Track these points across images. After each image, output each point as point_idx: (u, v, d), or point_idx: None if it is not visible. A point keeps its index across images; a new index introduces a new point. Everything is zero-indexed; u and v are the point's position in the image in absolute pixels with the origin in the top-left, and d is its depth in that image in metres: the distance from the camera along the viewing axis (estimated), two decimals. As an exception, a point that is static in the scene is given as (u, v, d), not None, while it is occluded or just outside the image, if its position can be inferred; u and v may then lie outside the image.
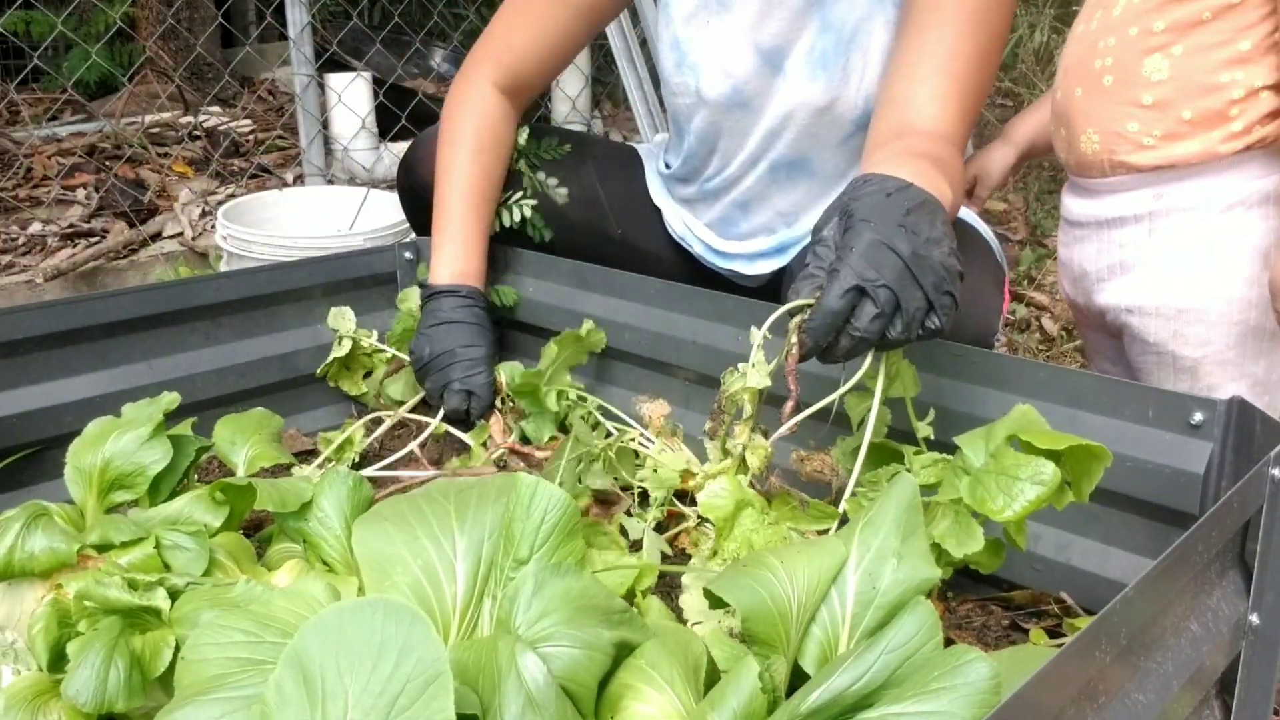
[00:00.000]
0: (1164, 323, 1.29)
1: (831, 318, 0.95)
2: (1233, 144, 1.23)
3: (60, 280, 2.57)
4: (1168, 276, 1.29)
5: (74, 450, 1.06)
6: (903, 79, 1.24)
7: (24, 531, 0.93)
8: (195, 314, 1.45)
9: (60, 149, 3.31)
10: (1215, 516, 0.81)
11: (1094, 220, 1.36)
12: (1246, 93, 1.22)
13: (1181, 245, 1.28)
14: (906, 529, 0.86)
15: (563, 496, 0.83)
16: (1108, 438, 1.04)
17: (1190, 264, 1.28)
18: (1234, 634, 0.90)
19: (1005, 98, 4.03)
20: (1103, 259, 1.36)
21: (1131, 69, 1.27)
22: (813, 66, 1.38)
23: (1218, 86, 1.22)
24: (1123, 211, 1.32)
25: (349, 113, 3.19)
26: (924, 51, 1.22)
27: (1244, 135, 1.23)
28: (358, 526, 0.83)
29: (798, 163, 1.46)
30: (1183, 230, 1.28)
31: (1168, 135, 1.26)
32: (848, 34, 1.36)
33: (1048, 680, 0.61)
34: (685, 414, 1.42)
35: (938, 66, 1.21)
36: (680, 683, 0.76)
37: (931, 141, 1.17)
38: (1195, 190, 1.26)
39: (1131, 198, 1.31)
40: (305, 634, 0.63)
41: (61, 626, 0.86)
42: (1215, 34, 1.22)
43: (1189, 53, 1.23)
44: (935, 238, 0.97)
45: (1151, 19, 1.25)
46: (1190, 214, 1.27)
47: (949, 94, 1.21)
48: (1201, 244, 1.27)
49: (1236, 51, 1.21)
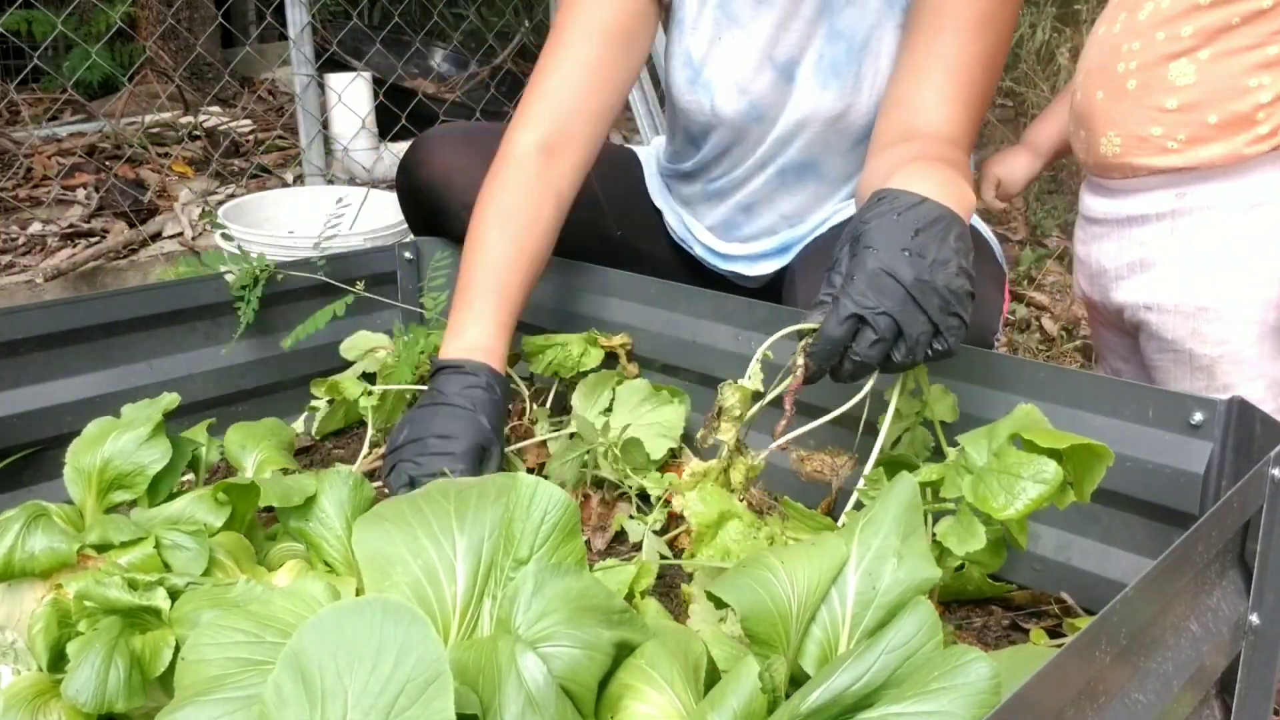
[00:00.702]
0: (1183, 320, 1.30)
1: (832, 344, 0.98)
2: (1258, 146, 1.24)
3: (60, 280, 2.56)
4: (1188, 274, 1.29)
5: (73, 450, 1.06)
6: (909, 81, 1.24)
7: (24, 531, 0.93)
8: (195, 314, 1.45)
9: (60, 149, 3.31)
10: (1215, 516, 0.81)
11: (1114, 218, 1.36)
12: (1274, 97, 1.22)
13: (1203, 244, 1.29)
14: (906, 529, 0.86)
15: (563, 496, 0.83)
16: (1108, 438, 1.04)
17: (1211, 262, 1.28)
18: (1234, 634, 0.90)
19: (1006, 97, 4.03)
20: (1123, 256, 1.36)
21: (1156, 73, 1.27)
22: (824, 75, 1.38)
23: (1245, 90, 1.23)
24: (1144, 210, 1.32)
25: (349, 113, 3.19)
26: (930, 54, 1.22)
27: (1270, 138, 1.24)
28: (358, 526, 0.83)
29: (807, 166, 1.46)
30: (1205, 229, 1.28)
31: (1192, 139, 1.26)
32: (859, 42, 1.36)
33: (1048, 680, 0.61)
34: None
35: (945, 69, 1.21)
36: (680, 683, 0.76)
37: (940, 145, 1.17)
38: (1219, 190, 1.27)
39: (1154, 197, 1.31)
40: (304, 634, 0.63)
41: (61, 626, 0.86)
42: (1243, 39, 1.22)
43: (1216, 57, 1.24)
44: (943, 259, 0.97)
45: (1179, 24, 1.25)
46: (1213, 213, 1.28)
47: (955, 97, 1.21)
48: (1223, 243, 1.27)
49: (1265, 56, 1.22)
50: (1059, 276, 2.76)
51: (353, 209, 2.35)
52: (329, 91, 3.19)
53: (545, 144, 1.36)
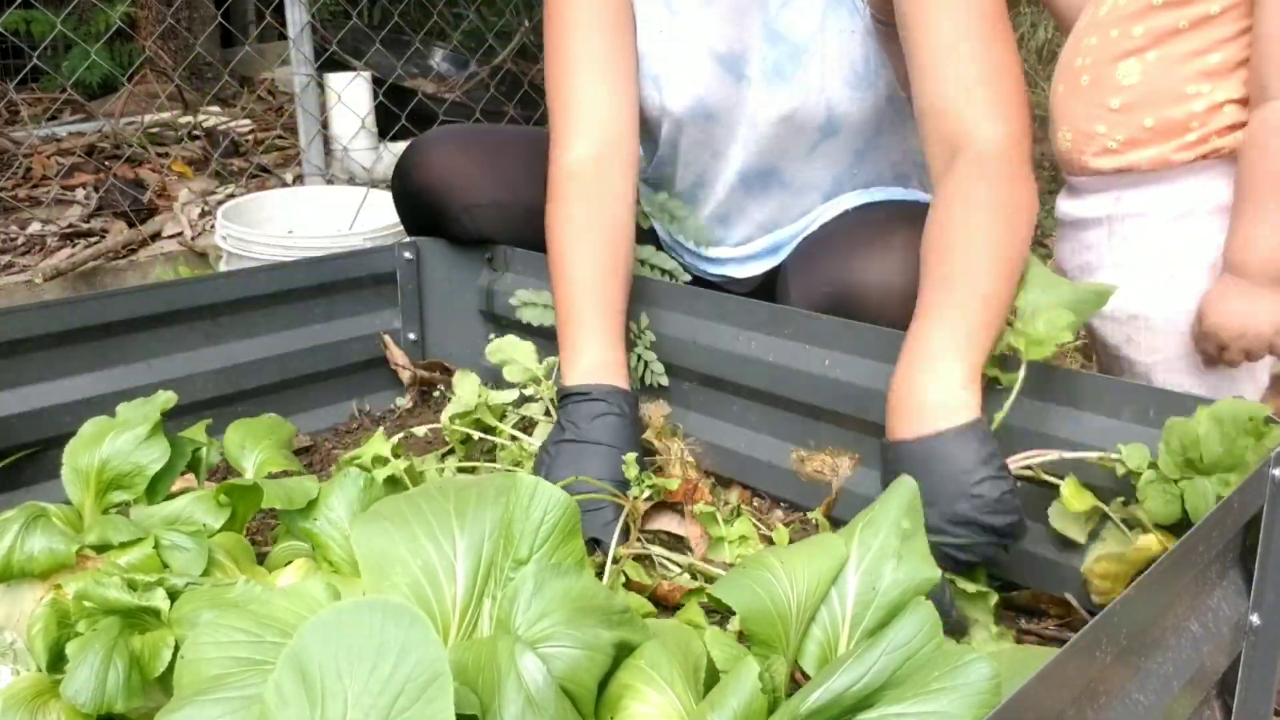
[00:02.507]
0: (1118, 327, 1.30)
1: None
2: (1184, 154, 1.23)
3: (60, 280, 2.56)
4: (1122, 281, 1.28)
5: (70, 451, 1.06)
6: (930, 82, 1.19)
7: (22, 532, 0.93)
8: (195, 314, 1.45)
9: (60, 149, 3.31)
10: (1215, 516, 0.81)
11: (1070, 219, 1.37)
12: (1208, 107, 1.21)
13: (1136, 251, 1.28)
14: (907, 530, 0.86)
15: (562, 497, 0.83)
16: (1108, 438, 1.04)
17: (1142, 270, 1.28)
18: (1234, 634, 0.90)
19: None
20: (1074, 259, 1.36)
21: (1106, 71, 1.27)
22: (769, 76, 1.37)
23: (1183, 97, 1.22)
24: (1089, 213, 1.32)
25: (349, 112, 3.19)
26: (939, 47, 1.18)
27: (1198, 145, 1.22)
28: (357, 525, 0.83)
29: (768, 173, 1.45)
30: (1137, 236, 1.28)
31: (1129, 141, 1.26)
32: (801, 44, 1.34)
33: (1048, 680, 0.61)
34: (686, 414, 1.42)
35: (958, 58, 1.16)
36: (680, 683, 0.76)
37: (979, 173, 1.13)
38: (1150, 196, 1.26)
39: (1097, 200, 1.31)
40: (305, 634, 0.63)
41: (60, 627, 0.86)
42: (1189, 44, 1.21)
43: (1161, 61, 1.23)
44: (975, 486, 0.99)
45: (1133, 23, 1.25)
46: (1144, 220, 1.27)
47: (980, 79, 1.16)
48: (1154, 251, 1.27)
49: (1206, 64, 1.21)
50: (1059, 276, 2.76)
51: (353, 209, 2.35)
52: (329, 91, 3.19)
53: (593, 154, 1.36)
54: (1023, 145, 1.16)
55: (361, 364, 1.63)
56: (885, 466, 1.04)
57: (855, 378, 1.22)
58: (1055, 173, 3.46)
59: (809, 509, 1.27)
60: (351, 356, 1.61)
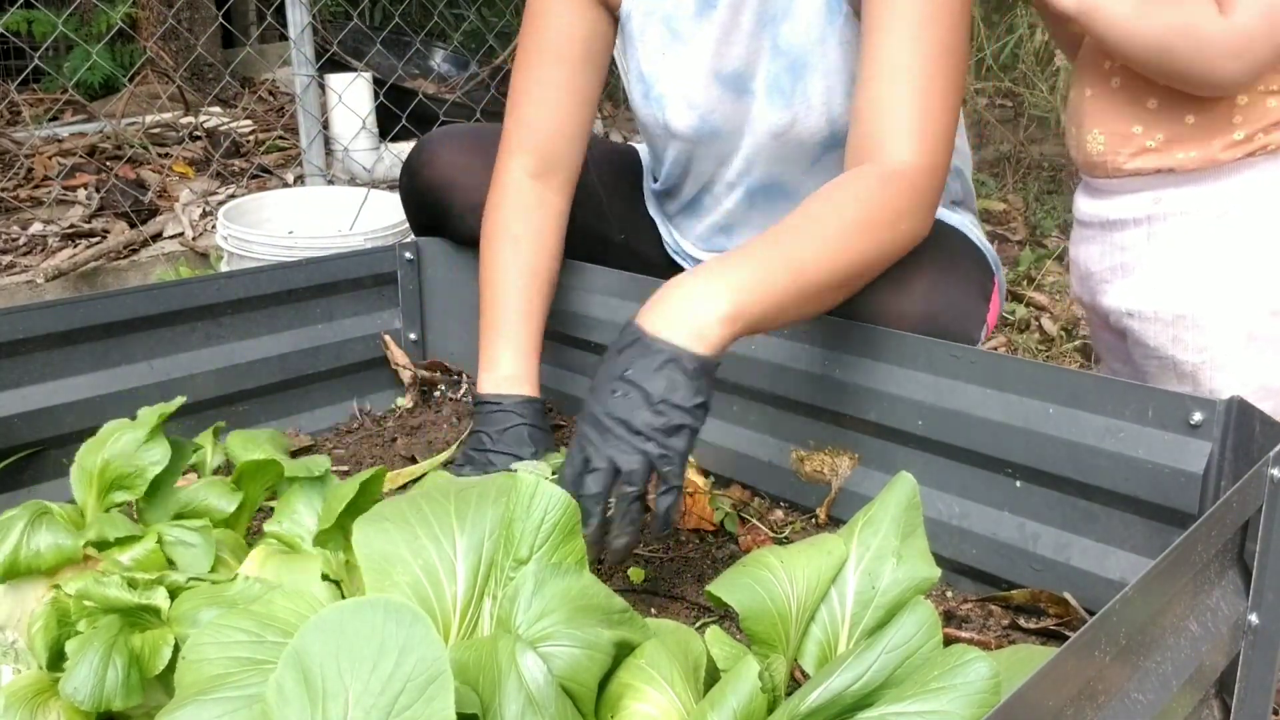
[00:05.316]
0: (1163, 328, 1.29)
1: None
2: (1232, 152, 1.23)
3: (61, 280, 2.57)
4: (1166, 281, 1.28)
5: (82, 450, 1.06)
6: (864, 89, 1.20)
7: (28, 529, 0.93)
8: (196, 314, 1.45)
9: (61, 149, 3.32)
10: (1215, 516, 0.81)
11: (1099, 220, 1.36)
12: (1251, 102, 1.21)
13: (1179, 250, 1.28)
14: (906, 529, 0.86)
15: (563, 496, 0.83)
16: (1108, 438, 1.04)
17: (1187, 270, 1.27)
18: (1233, 634, 0.90)
19: (1005, 98, 4.03)
20: (1105, 260, 1.35)
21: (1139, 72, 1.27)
22: (771, 92, 1.36)
23: None
24: (1124, 214, 1.32)
25: (349, 113, 3.19)
26: (881, 59, 1.18)
27: (1245, 144, 1.22)
28: (358, 526, 0.83)
29: (774, 187, 1.45)
30: (1180, 235, 1.28)
31: (1170, 140, 1.25)
32: (800, 58, 1.34)
33: (1047, 680, 0.61)
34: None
35: (894, 72, 1.16)
36: (680, 682, 0.76)
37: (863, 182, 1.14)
38: (1192, 195, 1.26)
39: (1133, 200, 1.31)
40: (306, 634, 0.63)
41: (61, 625, 0.86)
42: None
43: None
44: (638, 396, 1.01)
45: None
46: (1187, 219, 1.27)
47: (906, 101, 1.16)
48: (1198, 250, 1.26)
49: None
50: (1059, 276, 2.76)
51: (353, 209, 2.35)
52: (329, 92, 3.20)
53: (535, 170, 1.43)
54: (933, 177, 1.16)
55: (362, 364, 1.63)
56: (619, 337, 1.07)
57: (855, 378, 1.22)
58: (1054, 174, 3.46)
59: (809, 509, 1.27)
60: (352, 357, 1.61)
